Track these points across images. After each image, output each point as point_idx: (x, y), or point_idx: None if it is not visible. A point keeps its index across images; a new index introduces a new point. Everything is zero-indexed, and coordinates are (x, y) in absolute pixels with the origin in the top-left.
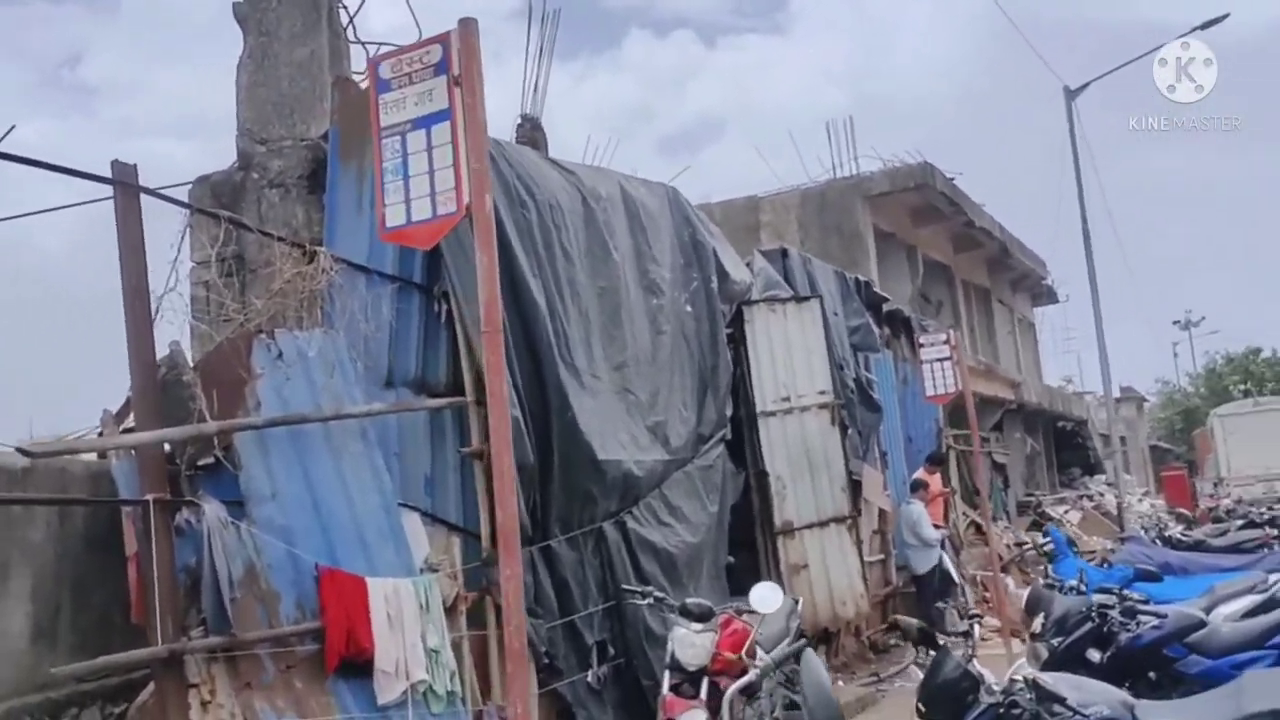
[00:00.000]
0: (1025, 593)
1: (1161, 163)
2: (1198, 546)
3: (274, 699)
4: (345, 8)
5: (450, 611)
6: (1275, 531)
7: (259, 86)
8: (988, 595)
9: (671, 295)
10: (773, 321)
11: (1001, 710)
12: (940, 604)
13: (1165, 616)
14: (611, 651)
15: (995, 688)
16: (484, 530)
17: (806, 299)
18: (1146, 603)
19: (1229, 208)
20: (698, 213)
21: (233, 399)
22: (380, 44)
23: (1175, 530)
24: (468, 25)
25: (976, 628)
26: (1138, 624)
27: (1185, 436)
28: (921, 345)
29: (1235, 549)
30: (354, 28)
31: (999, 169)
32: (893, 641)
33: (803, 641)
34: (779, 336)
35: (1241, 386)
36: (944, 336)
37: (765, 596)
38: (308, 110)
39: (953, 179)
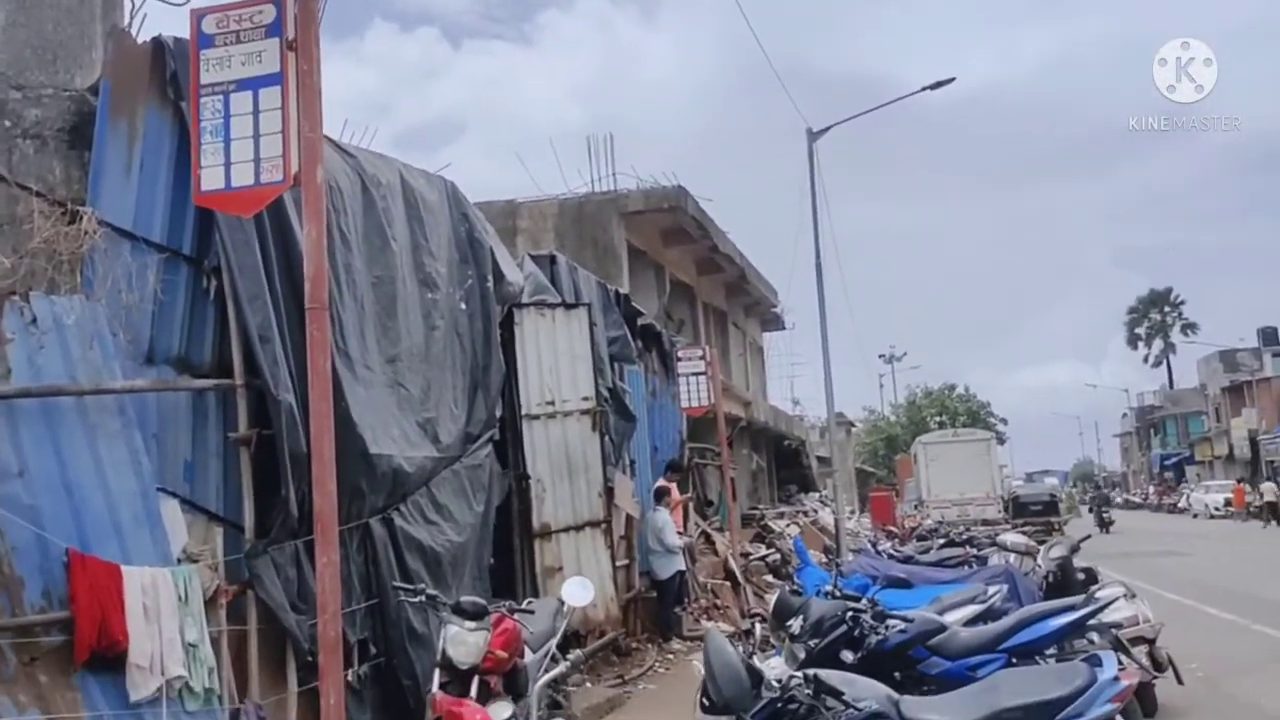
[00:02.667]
0: (772, 598)
1: (877, 211)
2: (908, 561)
3: (15, 693)
4: None
5: (209, 605)
6: (973, 550)
7: (17, 27)
8: (718, 602)
9: (447, 291)
10: (541, 326)
11: (780, 705)
12: (678, 609)
13: (911, 621)
14: (373, 650)
15: (775, 684)
16: (247, 520)
17: (574, 306)
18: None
19: (939, 257)
20: (475, 210)
21: None
22: None
23: (886, 547)
24: None
25: (757, 626)
26: (886, 628)
27: (888, 461)
28: (680, 359)
29: (940, 564)
30: None
31: (731, 201)
32: (634, 645)
33: (577, 654)
34: (547, 341)
35: (938, 418)
36: (700, 352)
37: (576, 592)
38: (73, 59)
39: (704, 205)
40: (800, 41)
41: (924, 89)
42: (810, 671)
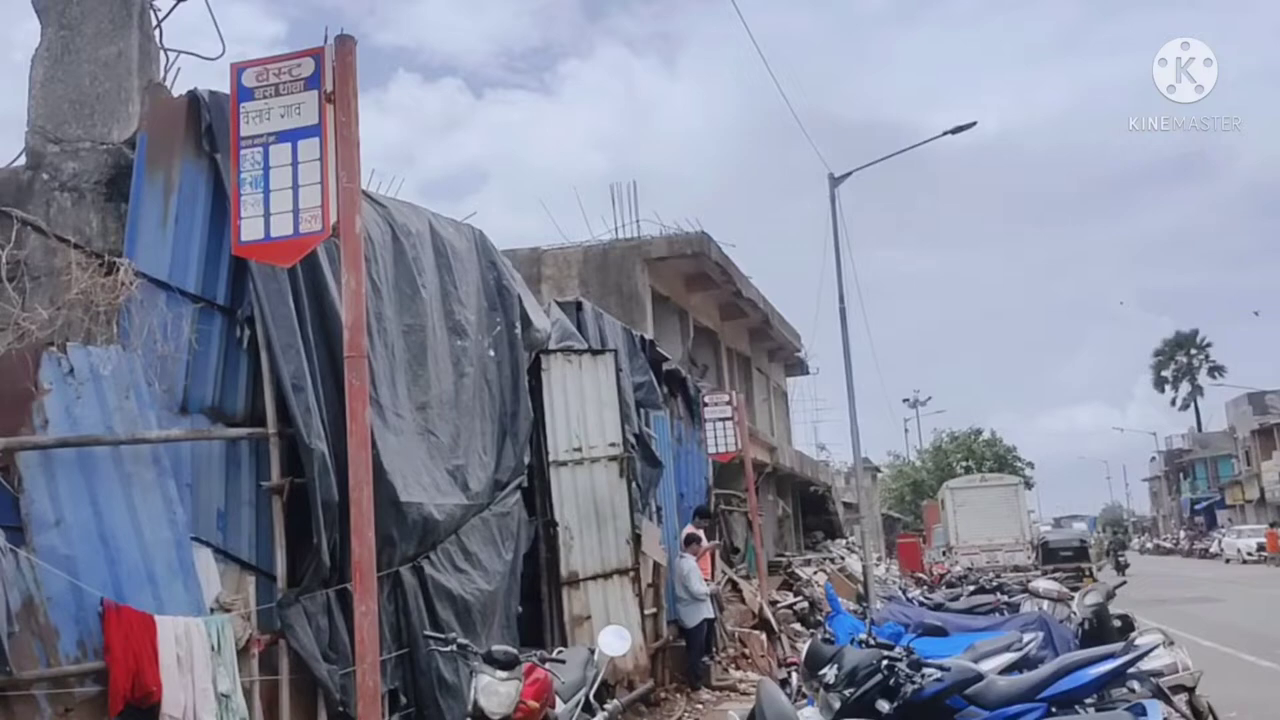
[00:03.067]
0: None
1: (902, 256)
2: (938, 609)
3: None
4: (157, 10)
5: (242, 654)
6: (1004, 597)
7: (56, 82)
8: (746, 651)
9: (475, 338)
10: (569, 372)
11: None
12: (705, 658)
13: (948, 670)
14: (403, 700)
15: None
16: (279, 569)
17: (602, 352)
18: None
19: (962, 301)
20: (503, 257)
21: (15, 414)
22: (186, 52)
23: (916, 594)
24: (345, 43)
25: (794, 675)
26: (922, 676)
27: (914, 507)
28: (706, 405)
29: (971, 612)
30: (162, 31)
31: (754, 248)
32: (663, 694)
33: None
34: (574, 387)
35: (964, 463)
36: (727, 398)
37: (613, 641)
38: (110, 112)
39: (726, 249)
40: (818, 89)
41: (945, 133)
42: None
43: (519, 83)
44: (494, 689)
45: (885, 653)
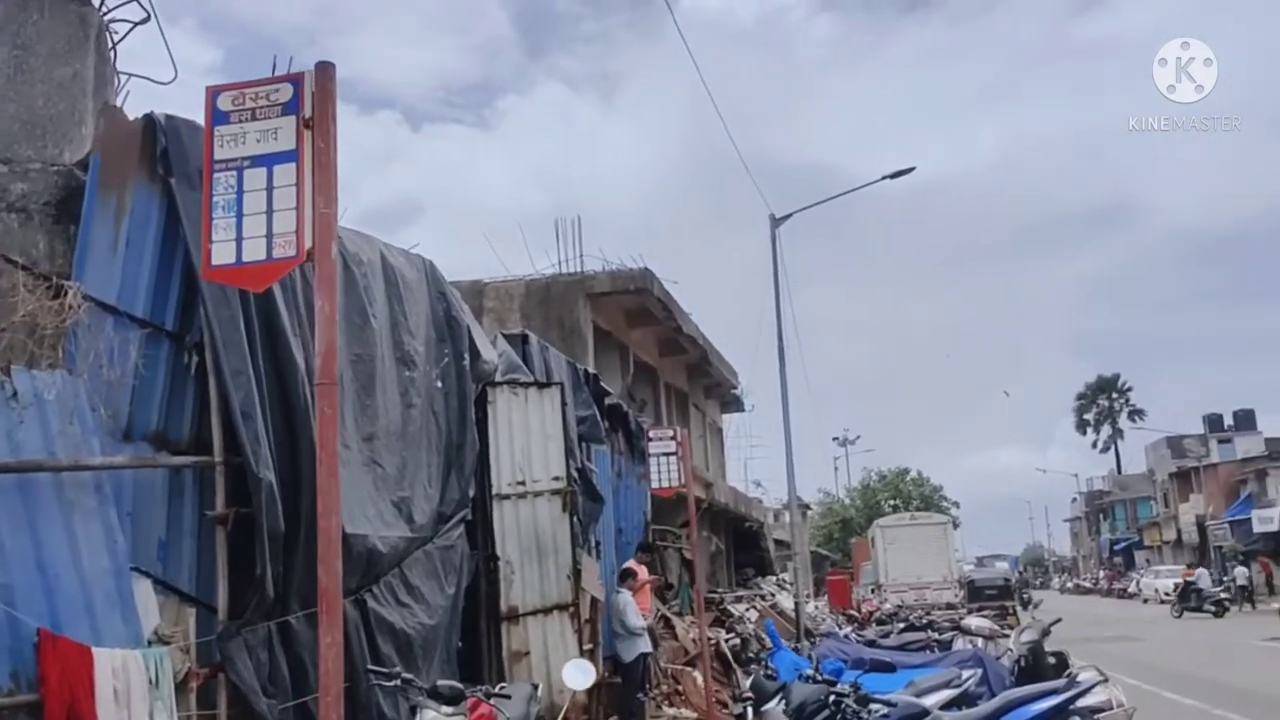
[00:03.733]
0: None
1: (832, 295)
2: (871, 646)
3: None
4: (113, 32)
5: (180, 688)
6: (934, 634)
7: (8, 102)
8: (679, 687)
9: (424, 369)
10: (514, 404)
11: None
12: (640, 695)
13: (894, 706)
14: None
15: None
16: (221, 601)
17: (548, 385)
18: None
19: (892, 342)
20: (452, 289)
21: None
22: (139, 75)
23: (847, 631)
24: (325, 69)
25: (749, 710)
26: (869, 712)
27: (842, 544)
28: (650, 439)
29: (903, 649)
30: (116, 53)
31: (688, 285)
32: None
33: None
34: (519, 420)
35: (891, 502)
36: (671, 433)
37: (575, 675)
38: (63, 134)
39: (668, 286)
40: (754, 131)
41: (884, 178)
42: None
43: (457, 117)
44: None
45: (832, 689)
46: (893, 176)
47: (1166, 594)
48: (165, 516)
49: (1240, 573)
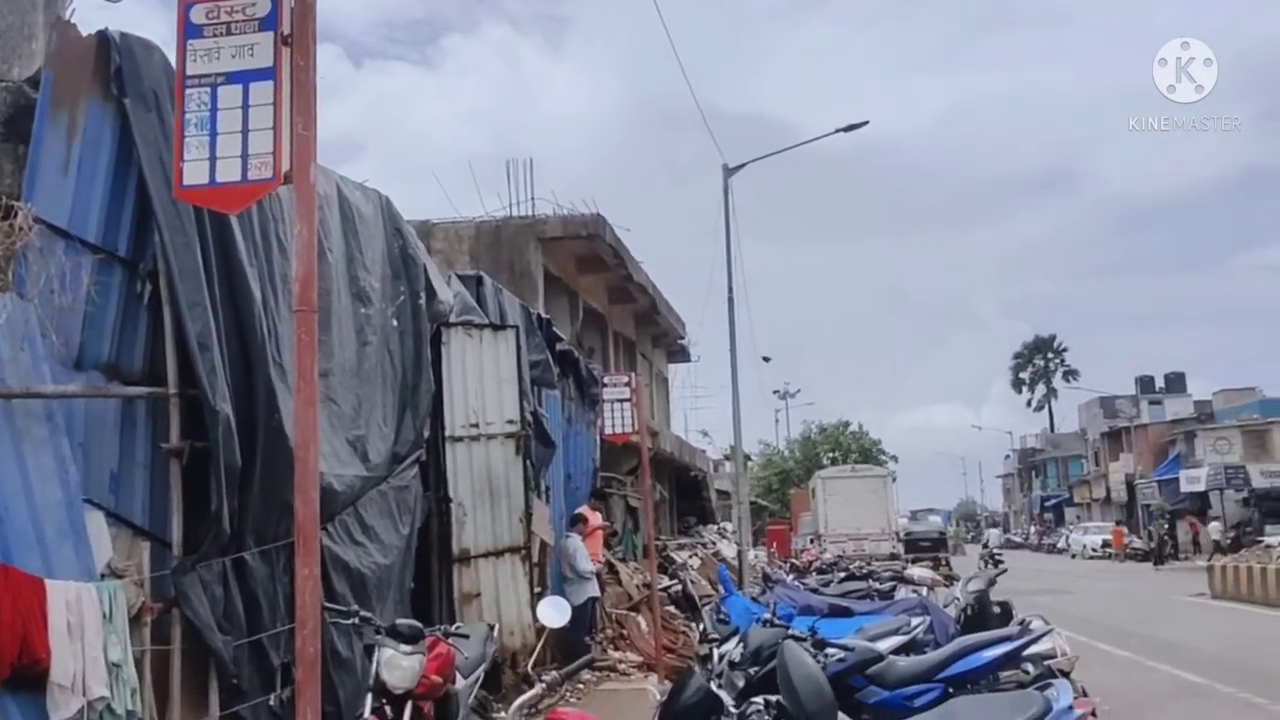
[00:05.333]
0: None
1: (776, 250)
2: (814, 594)
3: None
4: None
5: (133, 622)
6: (875, 585)
7: None
8: (624, 632)
9: (380, 306)
10: (469, 346)
11: None
12: (588, 638)
13: (851, 650)
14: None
15: (733, 710)
16: (175, 536)
17: (503, 328)
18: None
19: (835, 297)
20: (408, 226)
21: None
22: None
23: (788, 579)
24: None
25: (715, 651)
26: (826, 655)
27: (782, 495)
28: (605, 385)
29: (844, 597)
30: None
31: (636, 234)
32: (544, 677)
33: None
34: (473, 362)
35: (831, 455)
36: (626, 379)
37: (550, 613)
38: (11, 49)
39: (620, 233)
40: (703, 81)
41: (838, 130)
42: (772, 698)
43: (400, 54)
44: (397, 662)
45: (790, 632)
46: (846, 130)
47: (1094, 550)
48: (118, 448)
49: (1157, 526)
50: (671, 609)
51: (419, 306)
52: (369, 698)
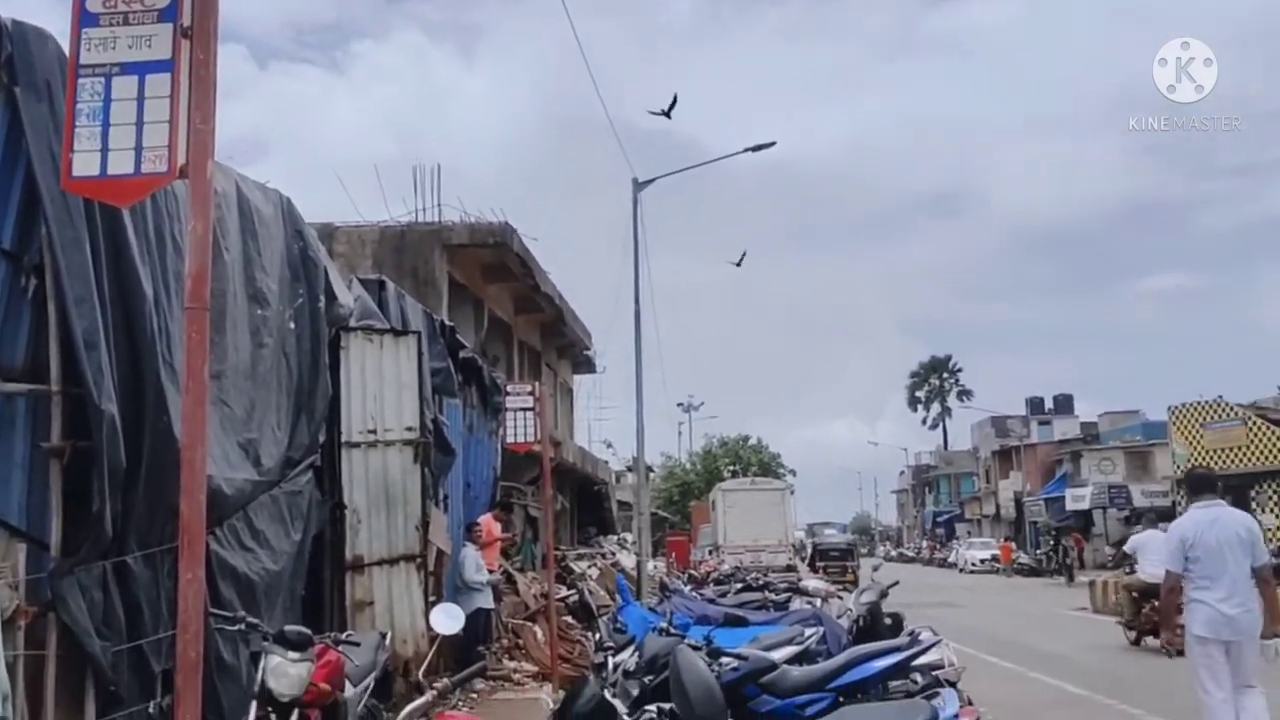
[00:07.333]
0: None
1: (680, 265)
2: (711, 604)
3: None
4: None
5: (7, 626)
6: (771, 595)
7: None
8: (520, 642)
9: (277, 308)
10: (369, 351)
11: None
12: (481, 648)
13: (746, 659)
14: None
15: (626, 718)
16: (53, 538)
17: (405, 333)
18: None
19: (737, 313)
20: (309, 228)
21: None
22: None
23: (686, 590)
24: None
25: (610, 659)
26: (720, 664)
27: (682, 507)
28: (508, 394)
29: (740, 607)
30: None
31: (541, 245)
32: (435, 685)
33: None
34: (373, 367)
35: (731, 468)
36: (530, 388)
37: (443, 620)
38: None
39: (528, 243)
40: (615, 98)
41: (746, 150)
42: (665, 706)
43: (307, 57)
44: (284, 670)
45: (686, 642)
46: (754, 149)
47: (974, 565)
48: None
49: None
50: (569, 619)
51: (318, 309)
52: (254, 706)
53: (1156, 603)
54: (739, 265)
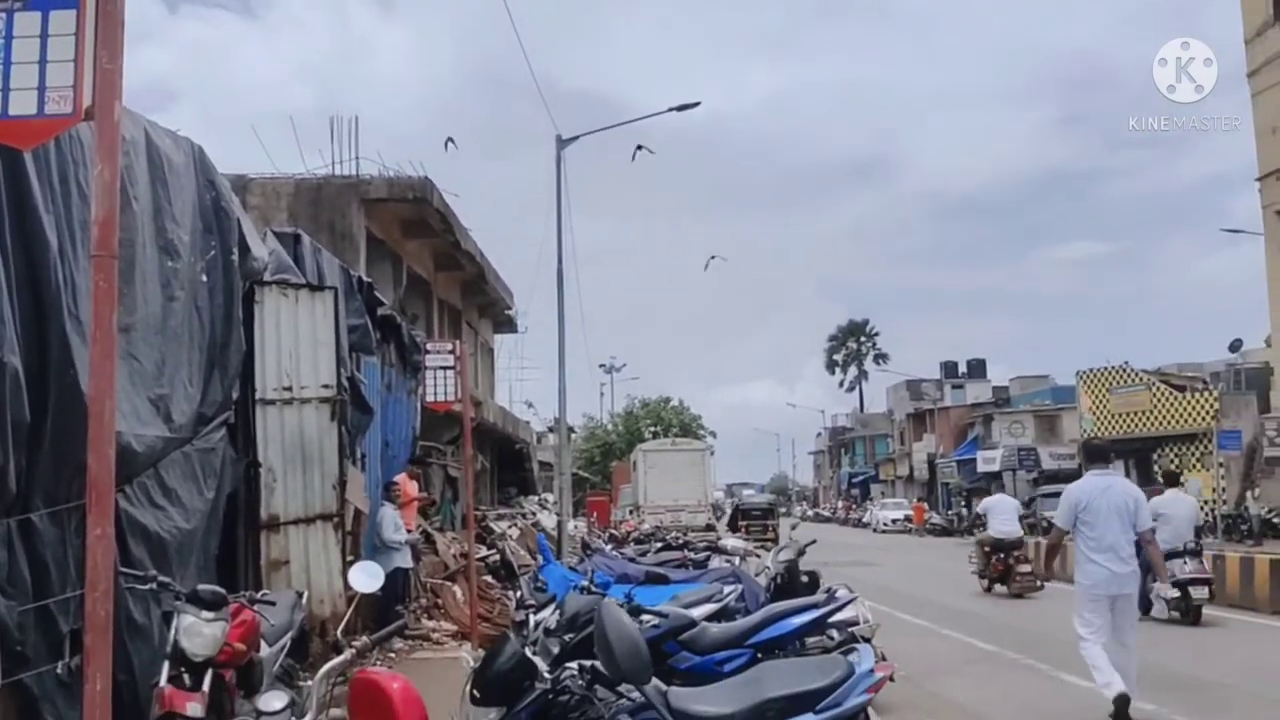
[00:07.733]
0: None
1: (603, 226)
2: (631, 563)
3: None
4: None
5: None
6: (690, 554)
7: None
8: (439, 601)
9: (188, 260)
10: (284, 306)
11: (552, 695)
12: (400, 607)
13: (666, 616)
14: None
15: (547, 675)
16: None
17: (321, 289)
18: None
19: (659, 274)
20: (222, 178)
21: None
22: None
23: (606, 549)
24: None
25: (531, 617)
26: (641, 622)
27: (603, 468)
28: (428, 351)
29: (660, 566)
30: None
31: (463, 203)
32: (352, 642)
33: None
34: (288, 323)
35: (653, 429)
36: (450, 346)
37: (361, 578)
38: None
39: (449, 199)
40: (540, 54)
41: (670, 110)
42: (586, 663)
43: (220, 2)
44: (198, 629)
45: (606, 599)
46: (679, 109)
47: (886, 525)
48: None
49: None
50: (489, 578)
51: (231, 262)
52: (166, 665)
53: (1003, 555)
54: (705, 270)
